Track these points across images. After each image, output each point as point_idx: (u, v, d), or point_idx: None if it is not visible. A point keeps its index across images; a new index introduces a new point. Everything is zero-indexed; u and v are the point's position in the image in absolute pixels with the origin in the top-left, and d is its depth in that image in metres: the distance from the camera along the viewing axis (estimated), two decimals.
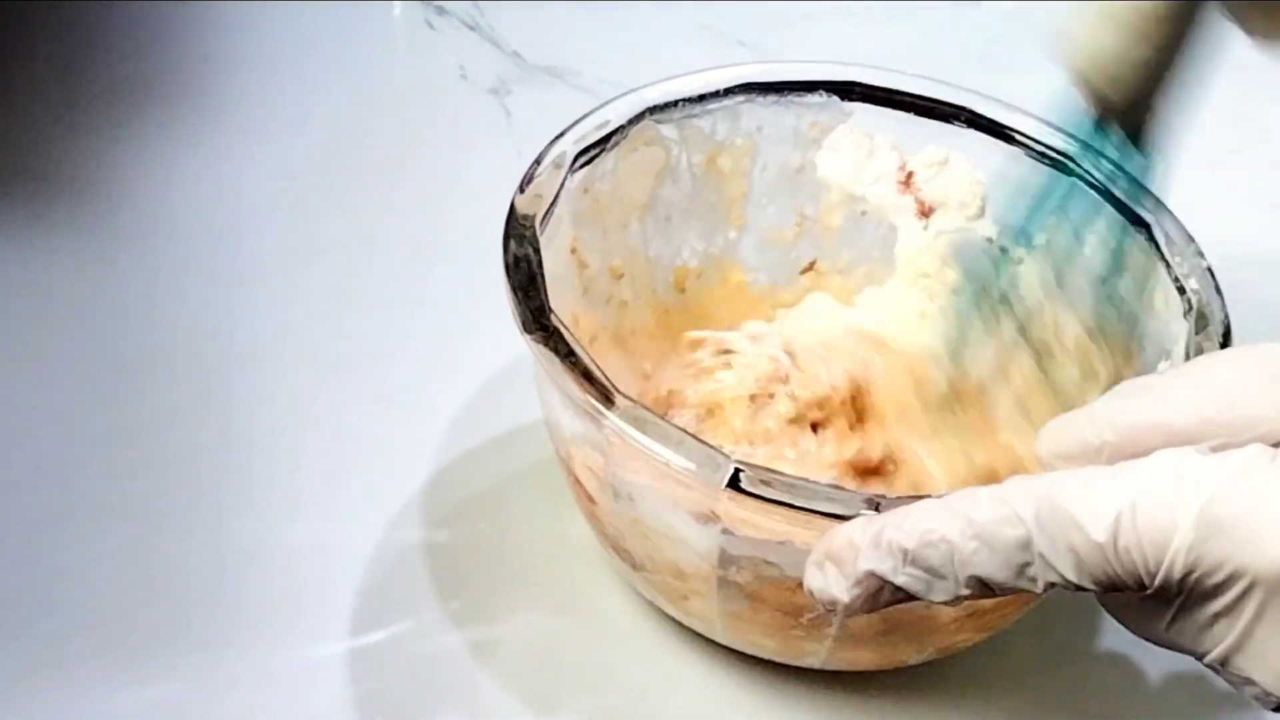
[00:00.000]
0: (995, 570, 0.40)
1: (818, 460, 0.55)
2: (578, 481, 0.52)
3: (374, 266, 0.68)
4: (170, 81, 0.76)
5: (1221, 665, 0.40)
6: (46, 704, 0.52)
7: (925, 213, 0.60)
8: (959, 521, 0.40)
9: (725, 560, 0.48)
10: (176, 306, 0.65)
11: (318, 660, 0.54)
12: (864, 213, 0.61)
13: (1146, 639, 0.42)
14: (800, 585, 0.46)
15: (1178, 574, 0.38)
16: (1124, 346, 0.55)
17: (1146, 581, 0.39)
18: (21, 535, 0.56)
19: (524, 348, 0.58)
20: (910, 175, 0.60)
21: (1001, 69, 0.48)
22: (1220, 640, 0.39)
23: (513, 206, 0.52)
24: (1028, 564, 0.40)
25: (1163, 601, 0.39)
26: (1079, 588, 0.40)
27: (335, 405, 0.62)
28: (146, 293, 0.66)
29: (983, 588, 0.41)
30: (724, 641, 0.53)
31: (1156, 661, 0.56)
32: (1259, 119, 0.81)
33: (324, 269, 0.68)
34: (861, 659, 0.53)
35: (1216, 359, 0.44)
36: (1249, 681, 0.39)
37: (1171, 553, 0.38)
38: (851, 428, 0.57)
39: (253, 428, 0.61)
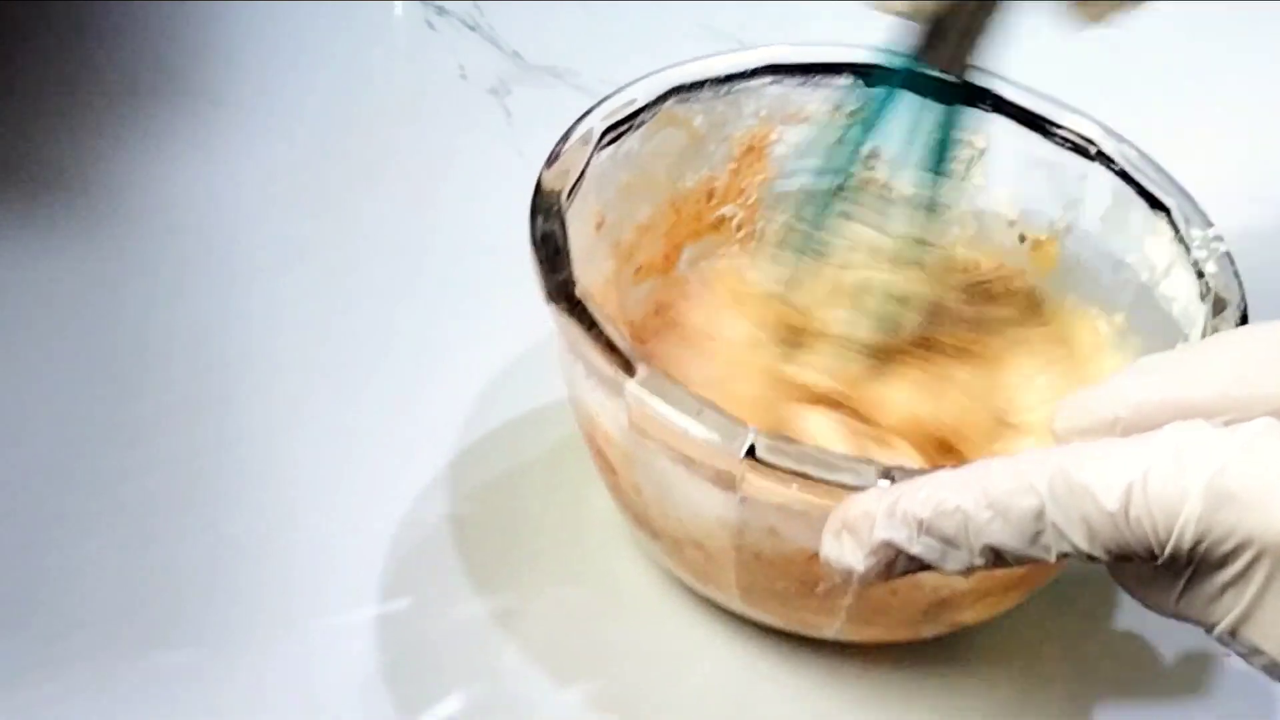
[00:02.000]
0: (1009, 539, 0.41)
1: None
2: (599, 452, 0.52)
3: (374, 266, 0.68)
4: (170, 81, 0.76)
5: (1230, 636, 0.40)
6: (85, 666, 0.53)
7: None
8: (973, 491, 0.41)
9: (742, 530, 0.49)
10: (184, 303, 0.65)
11: (346, 626, 0.55)
12: None
13: (1157, 611, 0.42)
14: (817, 555, 0.47)
15: (1187, 543, 0.39)
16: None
17: (1157, 551, 0.39)
18: (23, 534, 0.57)
19: (539, 335, 0.58)
20: None
21: (1014, 64, 0.49)
22: (1229, 610, 0.39)
23: (540, 182, 0.52)
24: (1041, 533, 0.40)
25: (1172, 572, 0.40)
26: (1091, 557, 0.40)
27: (358, 394, 0.63)
28: (150, 291, 0.66)
29: (997, 557, 0.41)
30: (742, 612, 0.54)
31: (1167, 637, 0.57)
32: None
33: (325, 268, 0.68)
34: (877, 632, 0.53)
35: (1231, 336, 0.44)
36: (1257, 651, 0.40)
37: (1181, 522, 0.38)
38: None
39: (274, 415, 0.62)
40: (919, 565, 0.42)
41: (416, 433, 0.61)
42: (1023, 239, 0.61)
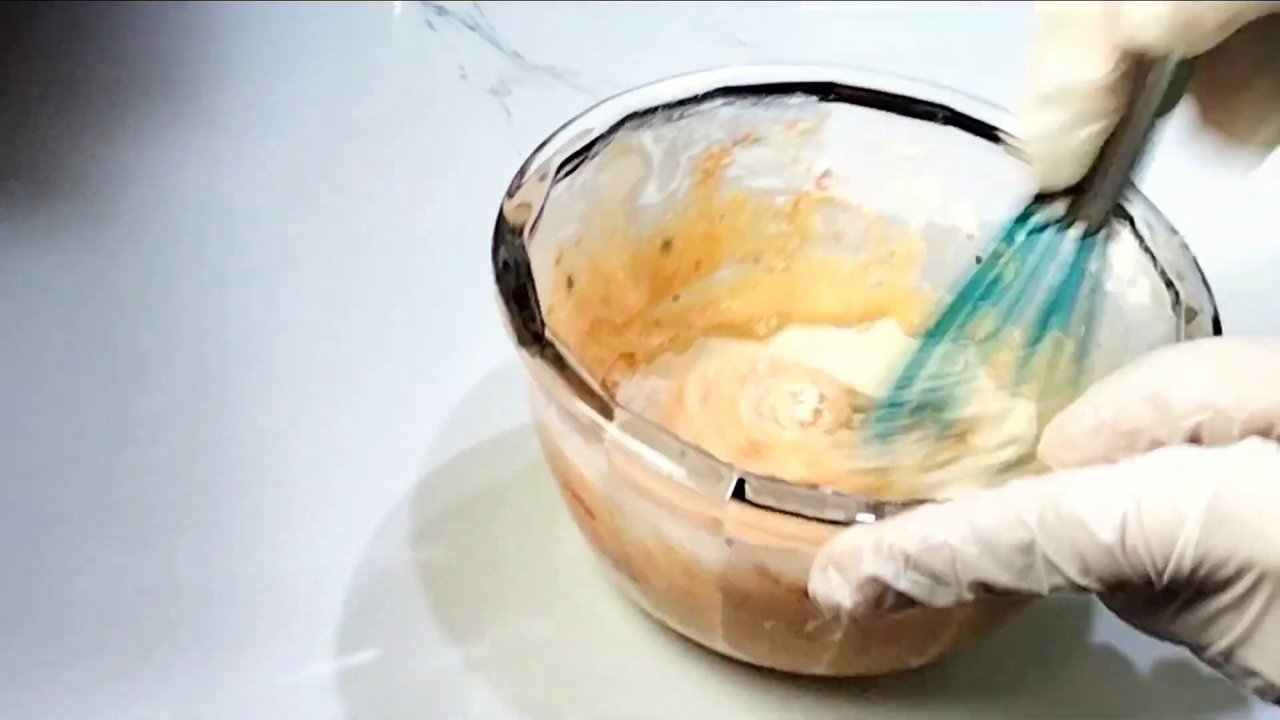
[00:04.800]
0: (998, 574, 0.40)
1: None
2: (575, 496, 0.51)
3: (373, 266, 0.68)
4: (170, 81, 0.75)
5: (1225, 659, 0.40)
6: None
7: None
8: (961, 526, 0.40)
9: (729, 571, 0.48)
10: (172, 308, 0.65)
11: (306, 681, 0.54)
12: None
13: (1148, 634, 0.42)
14: (804, 594, 0.46)
15: (1186, 569, 0.38)
16: None
17: (1155, 579, 0.39)
18: (10, 539, 0.56)
19: (503, 362, 0.57)
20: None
21: (1009, 70, 0.48)
22: (1226, 633, 0.39)
23: (501, 216, 0.51)
24: (1031, 566, 0.40)
25: (1169, 596, 0.40)
26: (1083, 589, 0.40)
27: (326, 412, 0.62)
28: (141, 293, 0.66)
29: (986, 591, 0.41)
30: (725, 651, 0.53)
31: (1154, 656, 0.57)
32: None
33: (322, 269, 0.68)
34: (863, 664, 0.53)
35: (1210, 343, 0.44)
36: (1252, 674, 0.40)
37: (1179, 548, 0.38)
38: None
39: (243, 435, 0.61)
40: (907, 601, 0.42)
41: (376, 462, 0.61)
42: (979, 260, 0.60)
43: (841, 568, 0.43)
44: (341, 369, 0.64)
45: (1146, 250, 0.54)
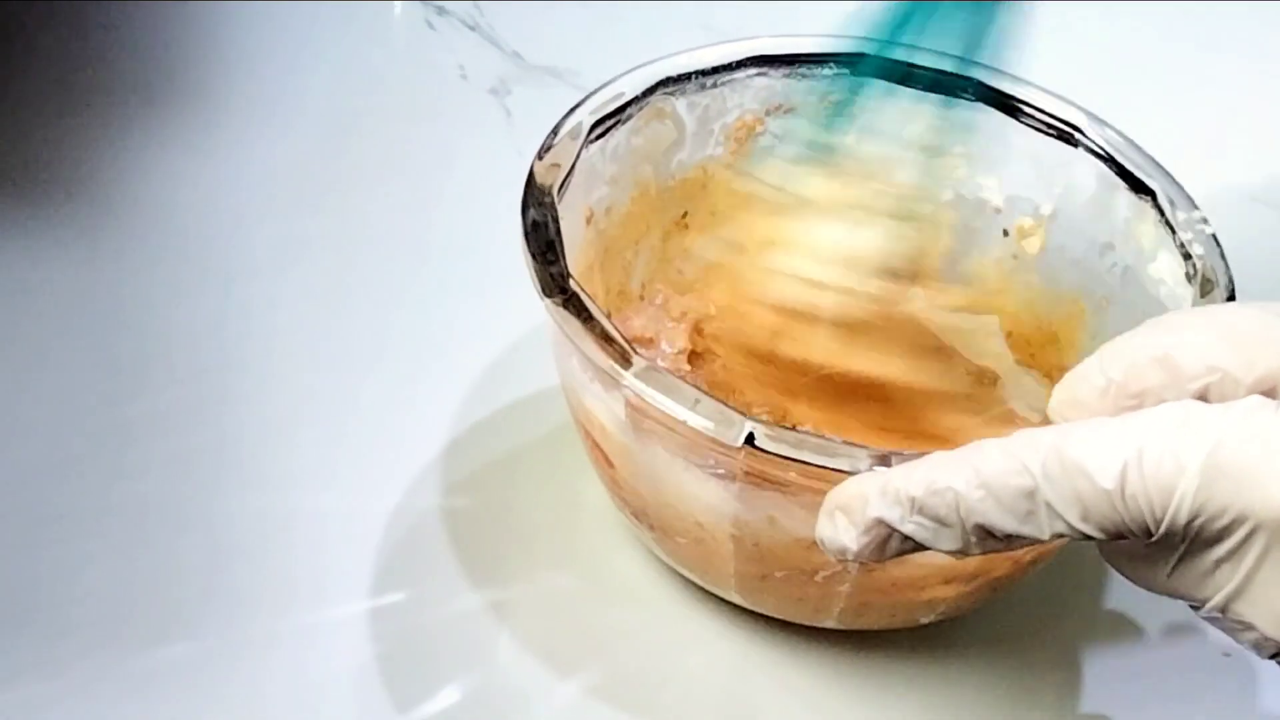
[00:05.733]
0: (1000, 519, 0.41)
1: None
2: (595, 445, 0.52)
3: (373, 266, 0.69)
4: (170, 81, 0.76)
5: (1221, 612, 0.40)
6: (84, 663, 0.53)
7: None
8: (965, 471, 0.41)
9: (741, 519, 0.49)
10: (178, 303, 0.66)
11: (339, 620, 0.55)
12: None
13: (1146, 588, 0.42)
14: (814, 542, 0.47)
15: (1183, 519, 0.39)
16: None
17: (1152, 528, 0.40)
18: (21, 533, 0.57)
19: (532, 325, 0.58)
20: None
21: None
22: (1222, 586, 0.40)
23: (531, 175, 0.52)
24: (1033, 512, 0.40)
25: (1166, 548, 0.40)
26: (1085, 536, 0.41)
27: (354, 392, 0.63)
28: (142, 292, 0.66)
29: (989, 536, 0.41)
30: (739, 602, 0.54)
31: (1163, 619, 0.57)
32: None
33: (323, 268, 0.68)
34: (874, 619, 0.54)
35: (1218, 307, 0.45)
36: (1248, 627, 0.40)
37: (1177, 498, 0.39)
38: None
39: (269, 410, 0.62)
40: (912, 545, 0.43)
41: (411, 423, 0.62)
42: (1006, 233, 0.61)
43: (848, 511, 0.43)
44: (339, 366, 0.64)
45: (1167, 224, 0.55)
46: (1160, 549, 0.41)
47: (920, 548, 0.43)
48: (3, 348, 0.63)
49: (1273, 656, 0.41)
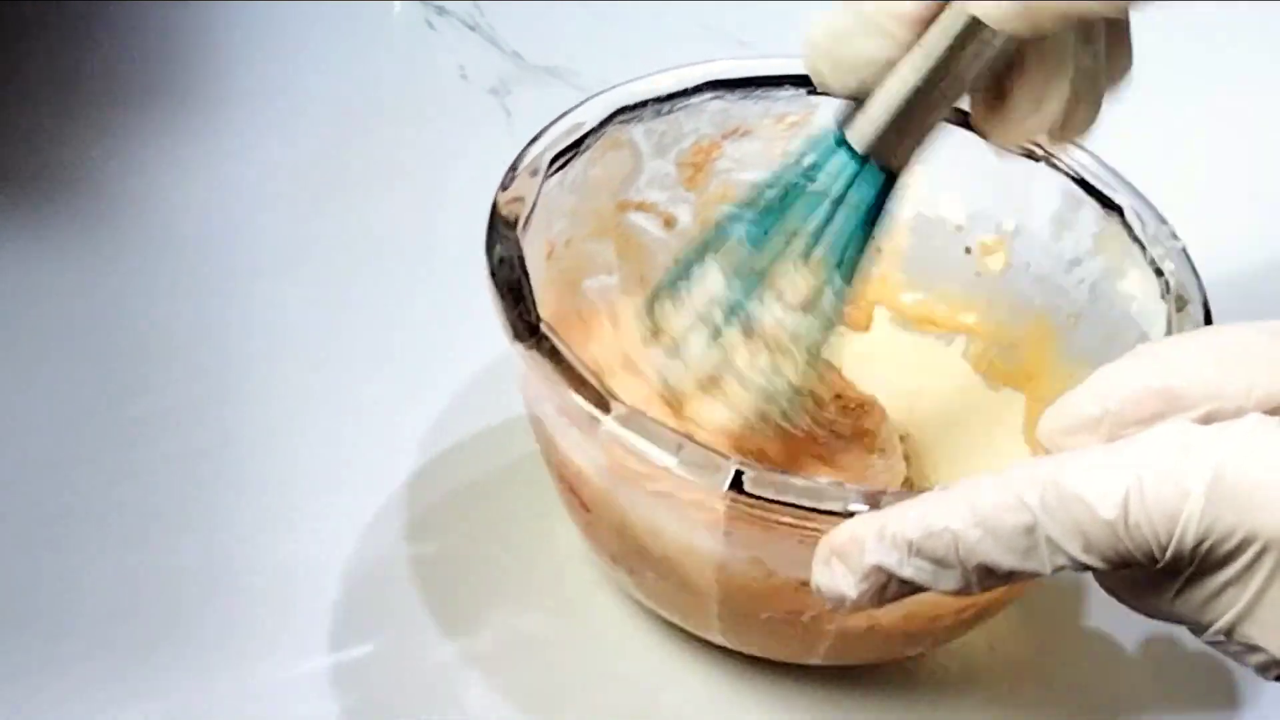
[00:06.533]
0: (1001, 556, 0.40)
1: None
2: (570, 489, 0.51)
3: (373, 266, 0.68)
4: (170, 81, 0.75)
5: (1227, 635, 0.40)
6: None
7: None
8: (962, 510, 0.41)
9: (727, 563, 0.48)
10: (172, 308, 0.65)
11: (301, 676, 0.54)
12: None
13: (1149, 615, 0.42)
14: (802, 584, 0.46)
15: (1190, 544, 0.38)
16: None
17: (1158, 555, 0.39)
18: (10, 539, 0.56)
19: (498, 355, 0.57)
20: None
21: None
22: (1229, 608, 0.39)
23: (495, 210, 0.52)
24: (1033, 548, 0.40)
25: (1171, 574, 0.40)
26: (1086, 567, 0.40)
27: (322, 408, 0.62)
28: (142, 292, 0.65)
29: (990, 574, 0.41)
30: (722, 643, 0.53)
31: (1146, 644, 0.57)
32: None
33: (322, 269, 0.68)
34: (860, 655, 0.53)
35: (1211, 331, 0.44)
36: (1254, 649, 0.40)
37: (1183, 523, 0.38)
38: None
39: (240, 433, 0.61)
40: (911, 588, 0.42)
41: (371, 459, 0.61)
42: (968, 250, 0.60)
43: (845, 558, 0.43)
44: (340, 365, 0.64)
45: (1136, 240, 0.55)
46: (1164, 575, 0.40)
47: (920, 589, 0.42)
48: (1, 348, 0.62)
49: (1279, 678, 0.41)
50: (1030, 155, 0.58)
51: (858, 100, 0.48)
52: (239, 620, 0.55)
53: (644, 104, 0.57)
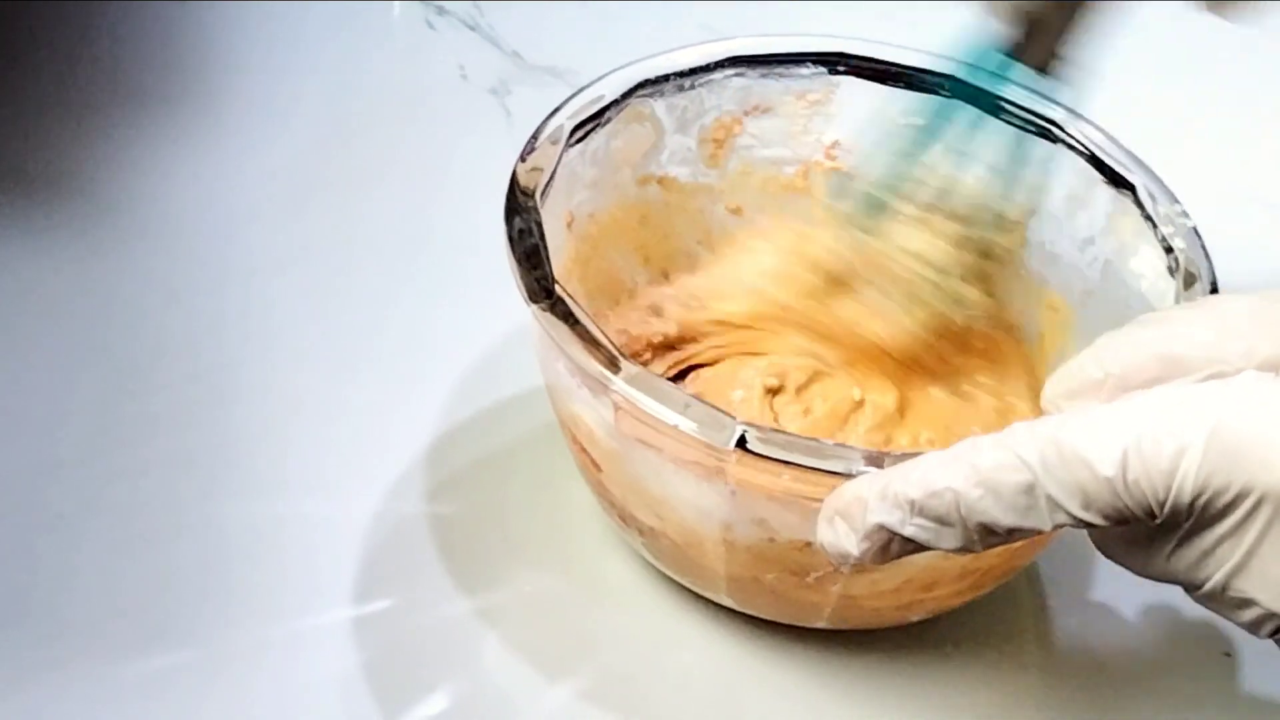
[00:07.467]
0: (1001, 515, 0.41)
1: None
2: (582, 449, 0.52)
3: (372, 266, 0.69)
4: (169, 81, 0.76)
5: (1221, 590, 0.41)
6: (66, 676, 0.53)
7: None
8: (963, 470, 0.41)
9: (733, 522, 0.49)
10: (176, 304, 0.66)
11: (324, 627, 0.55)
12: None
13: (1142, 574, 0.43)
14: (806, 545, 0.47)
15: (1187, 498, 0.39)
16: None
17: (1156, 511, 0.40)
18: (18, 532, 0.57)
19: (516, 327, 0.58)
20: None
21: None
22: (1223, 563, 0.40)
23: (514, 179, 0.52)
24: (1033, 506, 0.41)
25: (1168, 530, 0.41)
26: (1086, 524, 0.41)
27: (337, 388, 0.63)
28: (145, 290, 0.66)
29: (991, 533, 0.42)
30: (729, 604, 0.54)
31: (1149, 610, 0.58)
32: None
33: (322, 268, 0.68)
34: (864, 618, 0.54)
35: (1212, 299, 0.45)
36: (1248, 603, 0.40)
37: (1180, 477, 0.39)
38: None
39: (257, 413, 0.62)
40: (914, 547, 0.43)
41: (398, 424, 0.62)
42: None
43: (848, 517, 0.43)
44: (344, 362, 0.64)
45: (1147, 218, 0.55)
46: (1161, 531, 0.41)
47: (922, 548, 0.43)
48: (1, 348, 0.63)
49: (1272, 635, 0.41)
50: (1047, 135, 0.58)
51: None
52: (268, 574, 0.56)
53: (666, 78, 0.58)
